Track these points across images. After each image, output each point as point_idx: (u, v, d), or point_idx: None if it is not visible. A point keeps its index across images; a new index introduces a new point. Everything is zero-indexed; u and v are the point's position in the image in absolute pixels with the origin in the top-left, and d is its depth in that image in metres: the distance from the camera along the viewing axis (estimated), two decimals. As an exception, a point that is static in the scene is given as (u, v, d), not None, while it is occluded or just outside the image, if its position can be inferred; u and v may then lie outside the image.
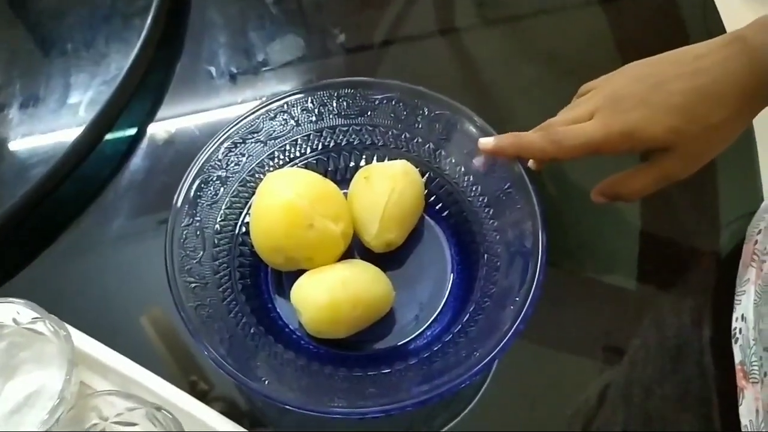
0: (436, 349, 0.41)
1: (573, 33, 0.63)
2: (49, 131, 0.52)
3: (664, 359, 0.45)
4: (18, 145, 0.52)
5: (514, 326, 0.38)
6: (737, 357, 0.44)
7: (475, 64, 0.62)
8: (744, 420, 0.42)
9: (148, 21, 0.55)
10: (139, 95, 0.56)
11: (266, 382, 0.37)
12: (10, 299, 0.42)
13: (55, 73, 0.54)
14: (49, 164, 0.49)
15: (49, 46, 0.56)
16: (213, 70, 0.59)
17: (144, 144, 0.55)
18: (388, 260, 0.46)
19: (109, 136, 0.54)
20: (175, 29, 0.60)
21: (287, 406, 0.36)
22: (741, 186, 0.53)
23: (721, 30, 0.59)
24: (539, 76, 0.60)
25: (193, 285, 0.41)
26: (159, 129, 0.56)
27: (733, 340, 0.45)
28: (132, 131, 0.55)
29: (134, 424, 0.40)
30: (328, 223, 0.43)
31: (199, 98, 0.58)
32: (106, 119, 0.52)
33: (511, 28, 0.64)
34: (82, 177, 0.52)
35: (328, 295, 0.41)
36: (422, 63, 0.61)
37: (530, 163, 0.47)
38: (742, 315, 0.44)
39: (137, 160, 0.54)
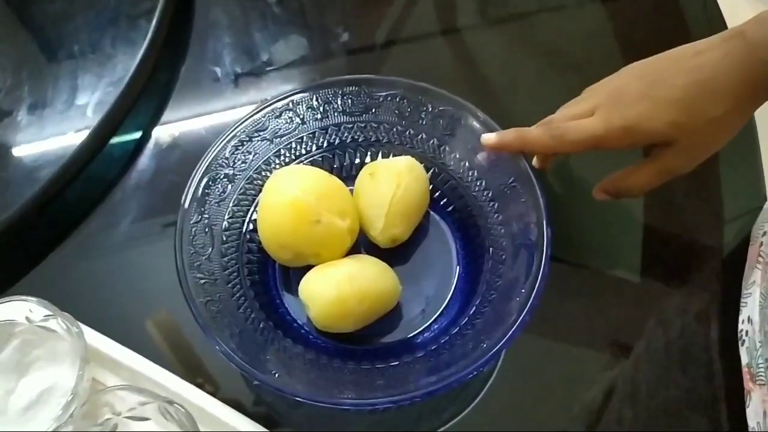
0: (443, 341, 0.41)
1: (575, 30, 0.63)
2: (57, 132, 0.53)
3: (671, 359, 0.46)
4: (27, 146, 0.53)
5: (521, 317, 0.38)
6: (744, 359, 0.44)
7: (477, 62, 0.62)
8: (751, 422, 0.42)
9: (154, 22, 0.56)
10: (146, 96, 0.56)
11: (276, 375, 0.38)
12: (23, 297, 0.42)
13: (62, 75, 0.55)
14: (58, 165, 0.50)
15: (55, 48, 0.57)
16: (218, 70, 0.60)
17: (151, 144, 0.56)
18: (394, 255, 0.47)
19: (116, 138, 0.54)
20: (180, 30, 0.61)
21: (297, 398, 0.36)
22: (744, 182, 0.53)
23: (722, 25, 0.60)
24: (542, 73, 0.60)
25: (203, 281, 0.41)
26: (165, 129, 0.57)
27: (739, 342, 0.45)
28: (139, 132, 0.56)
29: (147, 419, 0.40)
30: (334, 219, 0.43)
31: (205, 98, 0.59)
32: (113, 120, 0.53)
33: (513, 26, 0.65)
34: (91, 177, 0.52)
35: (335, 289, 0.41)
36: (425, 61, 0.61)
37: (534, 161, 0.48)
38: (749, 317, 0.45)
39: (145, 160, 0.55)
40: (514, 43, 0.63)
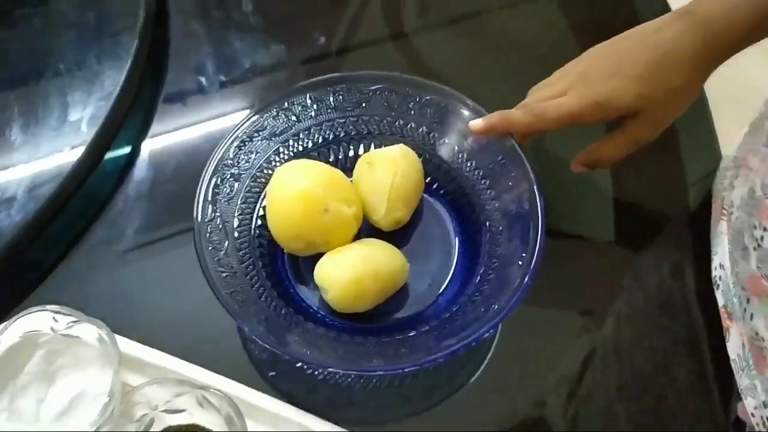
0: (455, 309, 0.45)
1: (527, 25, 0.67)
2: (54, 149, 0.53)
3: (651, 312, 0.50)
4: (25, 165, 0.53)
5: (525, 279, 0.42)
6: (720, 301, 0.49)
7: (453, 57, 0.65)
8: (732, 354, 0.47)
9: (137, 36, 0.57)
10: (133, 110, 0.58)
11: (307, 352, 0.40)
12: (46, 306, 0.43)
13: (51, 93, 0.55)
14: (58, 181, 0.51)
15: (41, 68, 0.57)
16: (203, 80, 0.61)
17: (145, 156, 0.57)
18: (395, 238, 0.49)
19: (109, 153, 0.56)
20: (159, 44, 0.62)
21: (330, 369, 0.39)
22: (700, 146, 0.58)
23: (666, 6, 0.65)
24: (503, 66, 0.64)
25: (224, 274, 0.43)
26: (159, 140, 0.58)
27: (714, 287, 0.50)
28: (129, 146, 0.57)
29: (182, 410, 0.42)
30: (341, 207, 0.46)
31: (192, 108, 0.60)
32: (107, 133, 0.54)
33: (477, 23, 0.68)
34: (88, 193, 0.53)
35: (351, 271, 0.44)
36: (401, 59, 0.65)
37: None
38: (720, 264, 0.50)
39: (140, 173, 0.56)
40: (478, 40, 0.67)
